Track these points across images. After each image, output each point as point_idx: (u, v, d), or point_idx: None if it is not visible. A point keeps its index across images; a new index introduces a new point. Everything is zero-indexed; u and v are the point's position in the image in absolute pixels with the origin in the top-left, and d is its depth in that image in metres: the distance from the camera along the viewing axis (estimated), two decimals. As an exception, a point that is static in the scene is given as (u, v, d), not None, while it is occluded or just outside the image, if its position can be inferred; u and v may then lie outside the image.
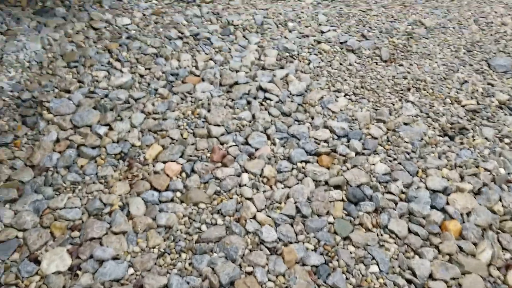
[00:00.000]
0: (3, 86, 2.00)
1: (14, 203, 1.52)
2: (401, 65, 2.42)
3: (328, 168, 1.74)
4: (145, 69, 2.23)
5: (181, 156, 1.76)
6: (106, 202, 1.55)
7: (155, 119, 1.92)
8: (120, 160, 1.73)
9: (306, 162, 1.76)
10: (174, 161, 1.73)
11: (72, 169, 1.67)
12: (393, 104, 2.11)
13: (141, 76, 2.18)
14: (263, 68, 2.29)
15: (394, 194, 1.65)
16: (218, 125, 1.91)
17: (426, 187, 1.68)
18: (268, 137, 1.88)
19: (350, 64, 2.38)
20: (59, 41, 2.34)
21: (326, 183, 1.68)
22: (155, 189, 1.62)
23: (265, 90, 2.11)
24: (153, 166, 1.71)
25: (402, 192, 1.66)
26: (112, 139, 1.80)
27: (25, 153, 1.71)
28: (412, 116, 2.04)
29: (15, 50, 2.21)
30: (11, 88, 2.00)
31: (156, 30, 2.52)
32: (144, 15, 2.66)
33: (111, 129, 1.85)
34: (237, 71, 2.26)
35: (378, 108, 2.08)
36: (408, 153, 1.84)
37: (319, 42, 2.52)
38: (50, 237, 1.43)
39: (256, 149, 1.81)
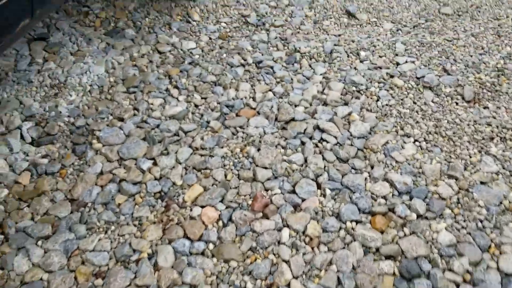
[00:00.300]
0: (62, 110, 2.03)
1: (46, 241, 1.50)
2: (486, 107, 2.11)
3: (382, 232, 1.52)
4: (201, 98, 2.15)
5: (221, 201, 1.65)
6: (136, 248, 1.48)
7: (201, 155, 1.83)
8: (159, 199, 1.66)
9: (357, 222, 1.56)
10: (213, 206, 1.63)
11: (109, 206, 1.63)
12: (470, 157, 1.83)
13: (196, 106, 2.11)
14: (325, 104, 2.11)
15: (457, 273, 1.40)
16: (266, 168, 1.77)
17: (498, 268, 1.41)
18: (319, 186, 1.71)
19: (425, 104, 2.12)
20: (123, 64, 2.35)
21: (377, 250, 1.47)
22: (188, 238, 1.52)
23: (322, 130, 1.94)
24: (191, 210, 1.62)
25: (467, 272, 1.41)
26: (155, 175, 1.74)
27: (67, 185, 1.71)
28: (492, 173, 1.75)
29: (79, 72, 2.25)
30: (69, 113, 2.03)
31: (220, 56, 2.45)
32: (210, 39, 2.60)
33: (155, 164, 1.79)
34: (296, 105, 2.11)
35: (452, 160, 1.81)
36: (481, 221, 1.56)
37: (392, 76, 2.29)
38: (74, 283, 1.38)
39: (303, 200, 1.65)
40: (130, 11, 2.80)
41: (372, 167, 1.78)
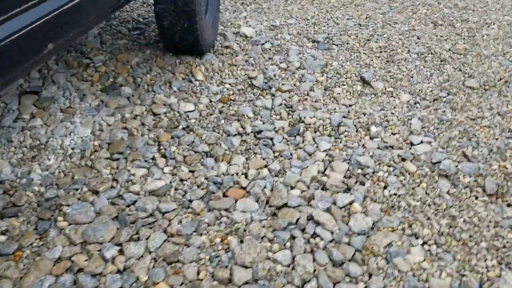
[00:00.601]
0: (34, 178, 1.86)
1: None
2: (510, 205, 1.83)
3: None
4: (189, 171, 1.96)
5: (187, 307, 1.42)
6: None
7: (175, 243, 1.62)
8: (117, 299, 1.44)
9: None
10: (176, 314, 1.39)
11: (58, 304, 1.42)
12: (488, 270, 1.55)
13: (181, 180, 1.91)
14: (324, 188, 1.88)
15: None
16: (246, 267, 1.53)
17: None
18: (304, 297, 1.46)
19: (439, 196, 1.87)
20: (112, 126, 2.19)
21: None
22: None
23: (317, 223, 1.70)
24: (150, 317, 1.39)
25: None
26: (118, 266, 1.53)
27: (19, 272, 1.50)
28: (514, 296, 1.46)
29: (63, 134, 2.10)
30: (41, 181, 1.85)
31: (217, 122, 2.27)
32: (210, 101, 2.43)
33: (121, 252, 1.58)
34: (291, 187, 1.88)
35: (465, 273, 1.53)
36: None
37: (404, 159, 2.04)
38: None
39: (283, 315, 1.40)
40: (132, 66, 2.68)
41: (370, 276, 1.52)
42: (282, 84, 2.58)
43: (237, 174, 1.95)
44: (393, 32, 3.27)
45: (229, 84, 2.59)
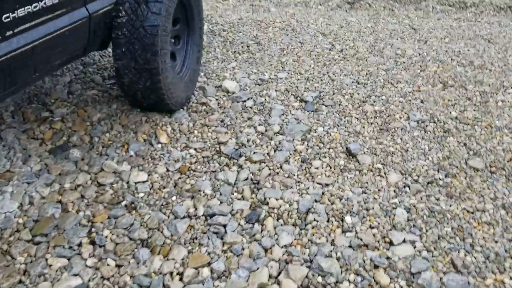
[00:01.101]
0: None
1: None
2: None
3: None
4: (116, 265, 1.65)
5: None
6: None
7: None
8: None
9: None
10: None
11: None
12: None
13: (102, 278, 1.60)
14: (271, 303, 1.54)
15: None
16: None
17: None
18: None
19: (413, 322, 1.49)
20: (46, 199, 1.92)
21: None
22: None
23: None
24: None
25: None
26: None
27: None
28: None
29: (-14, 207, 1.85)
30: None
31: (168, 198, 1.97)
32: (167, 170, 2.14)
33: None
34: (232, 298, 1.55)
35: None
36: None
37: (376, 266, 1.68)
38: None
39: None
40: (93, 122, 2.43)
41: None
42: (254, 153, 2.27)
43: (171, 274, 1.63)
44: (394, 93, 2.93)
45: (195, 149, 2.30)
